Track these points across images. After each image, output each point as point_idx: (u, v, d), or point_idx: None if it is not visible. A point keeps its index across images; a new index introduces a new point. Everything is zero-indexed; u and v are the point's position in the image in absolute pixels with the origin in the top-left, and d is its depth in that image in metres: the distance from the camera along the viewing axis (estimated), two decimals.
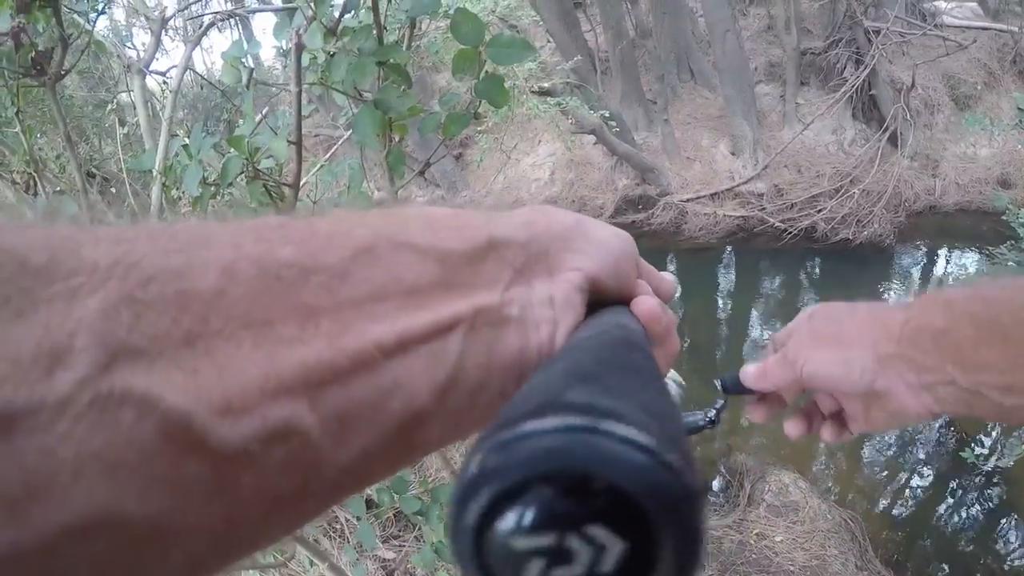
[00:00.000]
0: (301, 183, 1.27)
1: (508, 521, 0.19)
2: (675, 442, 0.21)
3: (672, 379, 0.79)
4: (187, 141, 1.30)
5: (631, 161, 10.78)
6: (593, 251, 0.41)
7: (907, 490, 5.15)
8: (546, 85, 9.91)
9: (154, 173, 2.27)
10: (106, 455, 0.20)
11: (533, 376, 0.30)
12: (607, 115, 9.99)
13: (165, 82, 4.11)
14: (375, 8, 1.10)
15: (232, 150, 1.20)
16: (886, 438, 5.55)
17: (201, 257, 0.25)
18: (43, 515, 0.19)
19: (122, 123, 3.86)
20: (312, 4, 1.08)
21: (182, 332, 0.23)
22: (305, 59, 1.14)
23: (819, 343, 0.74)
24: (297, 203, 1.30)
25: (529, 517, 0.19)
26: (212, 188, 1.25)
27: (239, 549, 0.26)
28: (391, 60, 1.11)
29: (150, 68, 3.75)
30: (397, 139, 1.25)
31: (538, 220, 0.40)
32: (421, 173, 1.65)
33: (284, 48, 1.16)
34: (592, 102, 10.21)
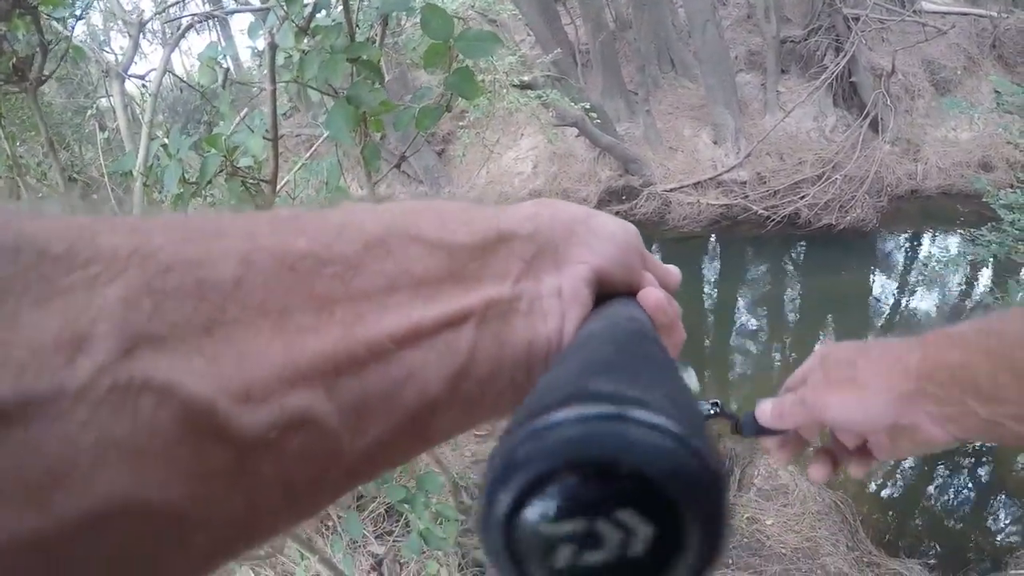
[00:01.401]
0: (282, 181, 1.30)
1: (538, 509, 0.20)
2: (699, 428, 0.22)
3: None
4: (166, 142, 1.32)
5: (614, 152, 10.78)
6: (599, 244, 0.42)
7: (896, 471, 5.16)
8: (526, 79, 9.89)
9: (135, 175, 2.26)
10: (127, 442, 0.21)
11: (553, 367, 0.30)
12: (588, 107, 9.98)
13: (144, 86, 4.08)
14: (346, 7, 1.12)
15: (211, 149, 1.22)
16: None
17: (218, 247, 0.26)
18: (65, 502, 0.19)
19: (102, 128, 3.83)
20: (284, 4, 1.09)
21: (201, 320, 0.24)
22: (281, 58, 1.15)
23: (836, 387, 0.73)
24: (276, 200, 1.33)
25: (559, 504, 0.20)
26: (192, 187, 1.27)
27: (259, 535, 0.26)
28: (362, 56, 1.13)
29: (129, 72, 3.71)
30: (379, 136, 1.26)
31: (545, 213, 0.41)
32: (397, 166, 1.68)
33: (258, 48, 1.17)
34: (573, 95, 10.19)
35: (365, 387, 0.28)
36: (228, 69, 1.24)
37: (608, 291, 0.42)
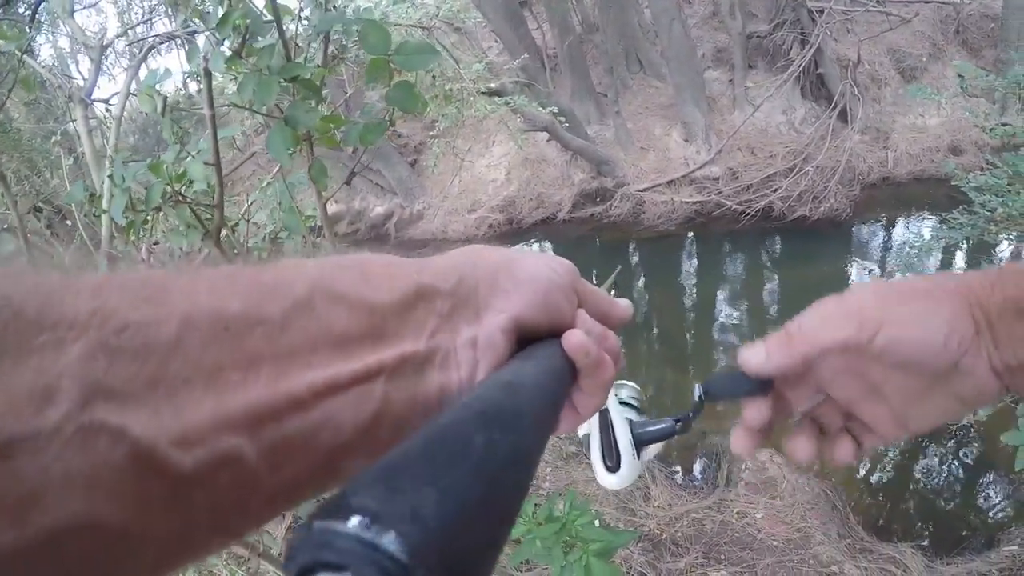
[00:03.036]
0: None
1: None
2: (440, 542, 0.25)
3: (623, 394, 0.76)
4: (111, 173, 1.34)
5: (585, 155, 10.80)
6: (520, 291, 0.45)
7: (884, 454, 5.15)
8: (494, 86, 9.87)
9: (103, 203, 2.22)
10: (87, 473, 0.25)
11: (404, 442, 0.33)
12: (557, 111, 9.98)
13: (108, 109, 4.01)
14: (279, 27, 1.14)
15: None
16: None
17: (164, 310, 0.30)
18: (39, 519, 0.24)
19: (70, 153, 3.76)
20: (213, 30, 1.11)
21: (147, 376, 0.28)
22: (227, 82, 1.15)
23: (895, 297, 0.60)
24: (223, 222, 1.36)
25: None
26: (141, 215, 1.31)
27: (195, 551, 0.31)
28: (300, 76, 1.14)
29: (92, 97, 3.65)
30: (352, 150, 1.27)
31: (467, 263, 0.45)
32: (347, 182, 1.72)
33: (196, 72, 1.21)
34: (542, 99, 10.19)
35: (284, 432, 0.32)
36: (165, 97, 1.25)
37: (533, 335, 0.45)
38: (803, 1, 10.41)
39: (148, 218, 1.35)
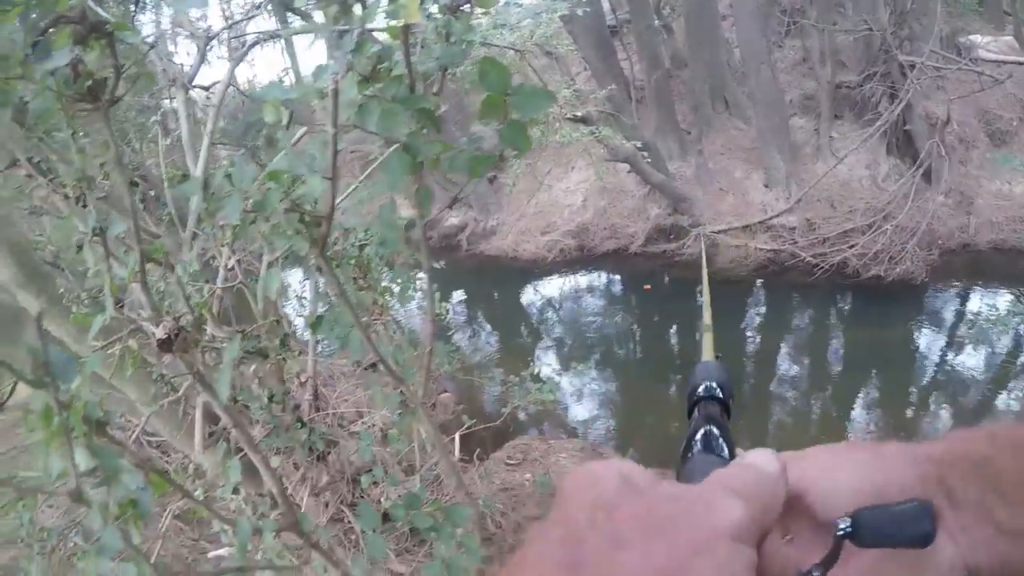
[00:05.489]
0: (337, 203, 1.35)
1: None
2: None
3: None
4: (231, 171, 1.37)
5: (664, 191, 10.88)
6: None
7: None
8: (580, 113, 10.02)
9: (193, 182, 2.37)
10: None
11: None
12: (641, 144, 10.09)
13: (208, 96, 4.27)
14: (408, 61, 1.17)
15: (270, 182, 1.29)
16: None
17: None
18: None
19: (165, 130, 4.00)
20: (351, 55, 1.12)
21: None
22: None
23: (836, 452, 0.60)
24: (329, 233, 1.38)
25: None
26: (251, 215, 1.33)
27: None
28: (421, 107, 1.18)
29: (193, 83, 3.90)
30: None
31: None
32: (450, 207, 1.79)
33: (323, 91, 1.21)
34: (626, 131, 10.31)
35: None
36: (292, 112, 1.31)
37: None
38: (895, 54, 10.28)
39: (256, 220, 1.37)
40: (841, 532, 0.54)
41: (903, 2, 10.49)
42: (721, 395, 0.78)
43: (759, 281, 9.85)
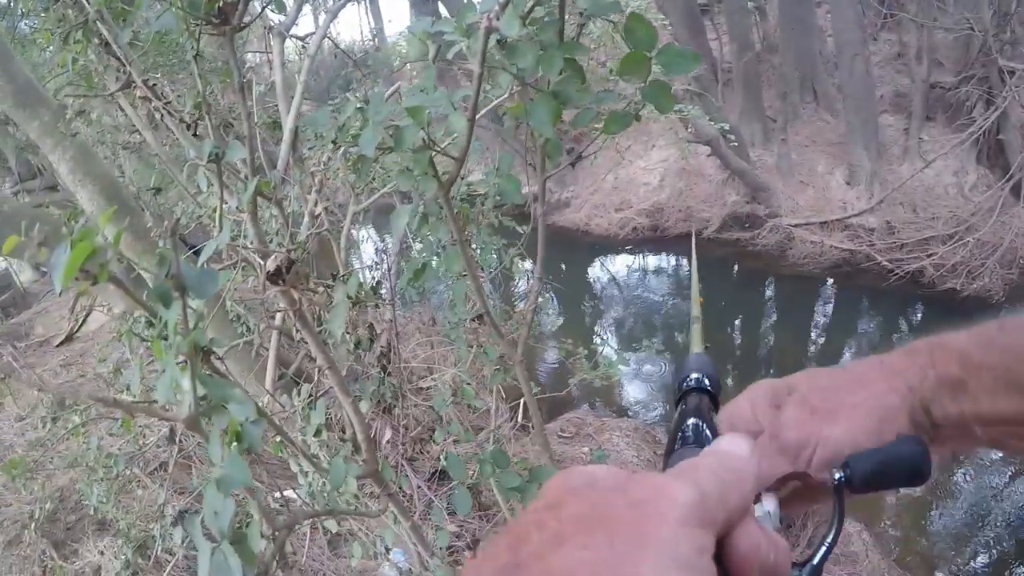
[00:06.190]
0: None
1: None
2: None
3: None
4: (362, 106, 1.37)
5: (744, 178, 10.78)
6: None
7: (970, 566, 5.19)
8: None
9: (284, 131, 2.39)
10: None
11: None
12: (726, 128, 9.98)
13: (304, 46, 4.41)
14: (561, 5, 1.15)
15: (408, 119, 1.25)
16: (957, 505, 5.58)
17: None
18: None
19: (258, 82, 4.15)
20: None
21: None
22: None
23: (828, 414, 0.65)
24: (458, 176, 1.34)
25: None
26: (387, 151, 1.30)
27: None
28: (574, 54, 1.16)
29: (290, 32, 4.04)
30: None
31: None
32: (572, 164, 1.72)
33: (467, 29, 1.18)
34: (712, 113, 10.20)
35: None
36: (439, 46, 1.24)
37: None
38: (995, 58, 9.95)
39: (380, 158, 1.35)
40: (837, 481, 0.60)
41: (1008, 3, 10.11)
42: (710, 387, 0.79)
43: (830, 280, 9.74)
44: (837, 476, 0.60)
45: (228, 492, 0.85)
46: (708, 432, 0.69)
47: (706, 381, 0.79)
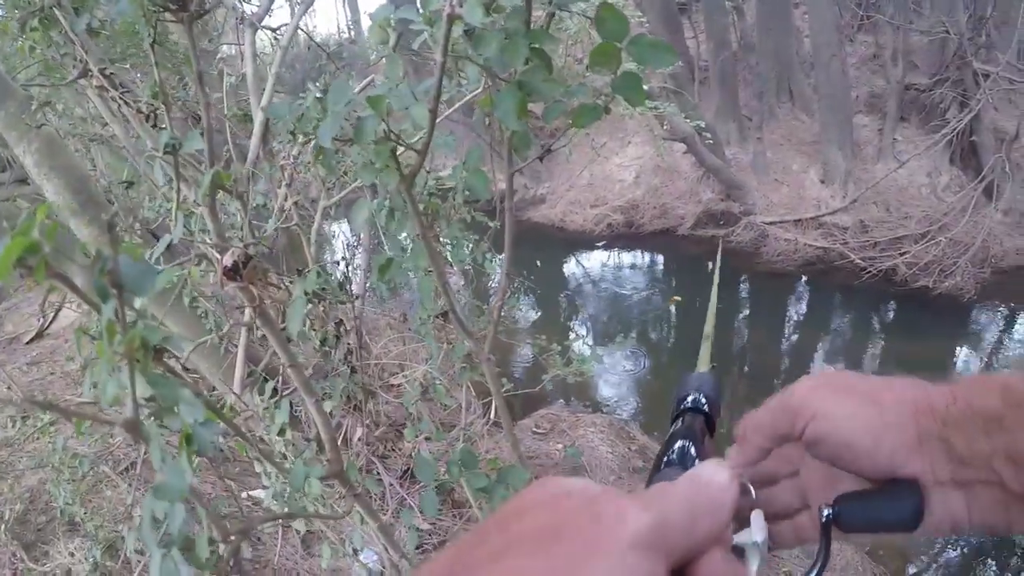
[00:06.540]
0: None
1: None
2: None
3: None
4: (319, 95, 1.32)
5: (719, 175, 10.82)
6: None
7: (944, 556, 5.23)
8: (644, 87, 9.92)
9: (255, 124, 2.35)
10: None
11: None
12: (702, 125, 9.99)
13: (276, 38, 4.35)
14: None
15: (368, 110, 1.21)
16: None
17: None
18: None
19: (230, 74, 4.09)
20: None
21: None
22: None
23: (837, 392, 0.58)
24: (420, 169, 1.30)
25: None
26: (346, 143, 1.27)
27: None
28: (541, 44, 1.12)
29: (262, 24, 3.97)
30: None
31: None
32: (540, 159, 1.64)
33: (431, 17, 1.14)
34: (688, 110, 10.22)
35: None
36: (400, 34, 1.21)
37: None
38: (970, 61, 10.07)
39: (341, 150, 1.30)
40: (824, 518, 0.57)
41: (983, 7, 10.23)
42: (707, 408, 0.77)
43: (804, 278, 9.79)
44: (825, 513, 0.57)
45: (170, 500, 0.84)
46: (694, 455, 0.68)
47: (703, 401, 0.77)
